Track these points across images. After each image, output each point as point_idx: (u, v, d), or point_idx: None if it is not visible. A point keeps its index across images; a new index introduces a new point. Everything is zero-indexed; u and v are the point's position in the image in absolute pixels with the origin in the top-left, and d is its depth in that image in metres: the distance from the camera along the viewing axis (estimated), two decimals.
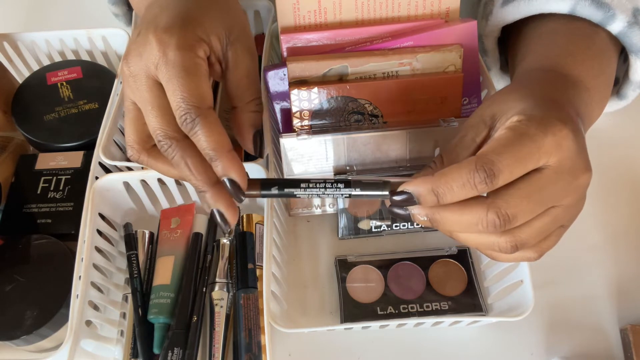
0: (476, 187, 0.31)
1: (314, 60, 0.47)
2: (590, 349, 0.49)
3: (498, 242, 0.34)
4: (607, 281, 0.52)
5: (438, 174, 0.32)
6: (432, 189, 0.32)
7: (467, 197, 0.32)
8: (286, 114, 0.51)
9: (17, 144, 0.58)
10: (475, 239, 0.35)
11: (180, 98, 0.35)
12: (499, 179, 0.31)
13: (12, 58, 0.64)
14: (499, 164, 0.31)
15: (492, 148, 0.32)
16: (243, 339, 0.46)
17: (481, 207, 0.32)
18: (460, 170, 0.32)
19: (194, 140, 0.35)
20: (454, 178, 0.32)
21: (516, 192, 0.32)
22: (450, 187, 0.32)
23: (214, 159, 0.35)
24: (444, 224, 0.34)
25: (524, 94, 0.37)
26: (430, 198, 0.33)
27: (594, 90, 0.44)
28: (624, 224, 0.55)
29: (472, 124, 0.37)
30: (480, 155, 0.32)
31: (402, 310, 0.49)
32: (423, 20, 0.49)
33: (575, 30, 0.48)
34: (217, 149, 0.35)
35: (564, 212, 0.34)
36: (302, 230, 0.56)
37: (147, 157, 0.39)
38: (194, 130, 0.35)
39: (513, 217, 0.32)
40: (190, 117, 0.35)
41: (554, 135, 0.32)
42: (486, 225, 0.32)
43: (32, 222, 0.52)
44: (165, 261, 0.50)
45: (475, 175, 0.31)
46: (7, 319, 0.45)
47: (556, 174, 0.32)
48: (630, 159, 0.60)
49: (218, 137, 0.35)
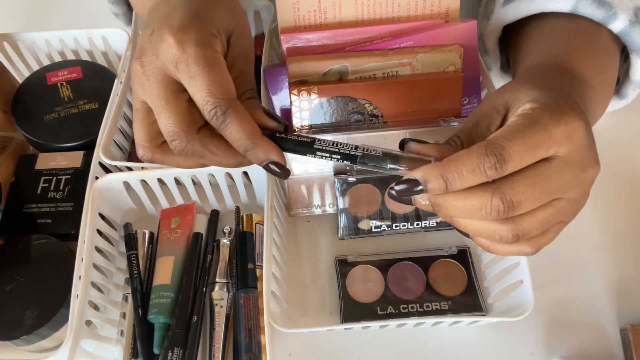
0: (486, 172, 0.31)
1: (314, 60, 0.47)
2: (590, 349, 0.49)
3: (500, 230, 0.33)
4: (607, 281, 0.52)
5: (446, 159, 0.32)
6: (440, 174, 0.32)
7: (475, 183, 0.31)
8: (286, 114, 0.51)
9: (17, 144, 0.58)
10: (477, 225, 0.34)
11: (207, 92, 0.35)
12: (509, 164, 0.31)
13: (12, 58, 0.64)
14: (509, 150, 0.31)
15: (503, 134, 0.31)
16: (243, 338, 0.46)
17: (486, 192, 0.31)
18: (471, 154, 0.31)
19: (226, 131, 0.35)
20: (464, 163, 0.31)
21: (523, 179, 0.31)
22: (460, 172, 0.31)
23: (250, 147, 0.36)
24: (447, 209, 0.33)
25: (535, 84, 0.36)
26: (438, 184, 0.32)
27: (598, 89, 0.44)
28: (624, 224, 0.55)
29: (484, 112, 0.36)
30: (491, 141, 0.31)
31: (402, 310, 0.49)
32: (423, 20, 0.49)
33: (577, 29, 0.48)
34: (252, 137, 0.35)
35: (567, 205, 0.34)
36: (302, 230, 0.56)
37: (160, 154, 0.39)
38: (225, 122, 0.35)
39: (517, 204, 0.31)
40: (221, 109, 0.35)
41: (567, 125, 0.32)
42: (490, 211, 0.31)
43: (32, 222, 0.52)
44: (165, 261, 0.50)
45: (486, 160, 0.31)
46: (7, 319, 0.45)
47: (564, 165, 0.32)
48: (630, 159, 0.59)
49: (250, 125, 0.36)
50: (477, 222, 0.34)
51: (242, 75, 0.40)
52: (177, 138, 0.36)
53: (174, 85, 0.36)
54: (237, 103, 0.36)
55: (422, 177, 0.32)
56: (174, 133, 0.36)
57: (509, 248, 0.35)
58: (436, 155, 0.35)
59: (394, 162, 0.35)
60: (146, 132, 0.38)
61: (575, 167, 0.32)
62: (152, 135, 0.38)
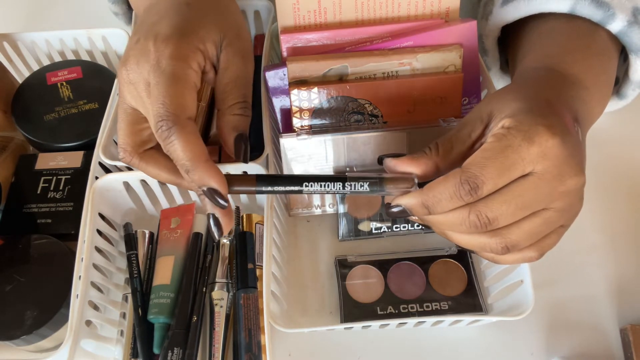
0: (462, 198, 0.34)
1: (314, 60, 0.47)
2: (590, 349, 0.49)
3: (489, 243, 0.35)
4: (607, 281, 0.52)
5: (426, 187, 0.35)
6: (422, 202, 0.35)
7: (455, 207, 0.34)
8: (286, 114, 0.51)
9: (17, 144, 0.58)
10: (467, 239, 0.36)
11: (160, 104, 0.35)
12: (483, 189, 0.33)
13: (12, 58, 0.64)
14: (482, 177, 0.33)
15: (476, 161, 0.34)
16: (243, 339, 0.46)
17: (464, 210, 0.34)
18: (447, 184, 0.34)
19: (169, 149, 0.35)
20: (441, 191, 0.34)
21: (498, 196, 0.34)
22: (439, 200, 0.34)
23: (190, 169, 0.35)
24: (435, 225, 0.37)
25: (521, 95, 0.37)
26: (422, 210, 0.36)
27: (594, 89, 0.44)
28: (624, 224, 0.55)
29: (469, 120, 0.38)
30: (465, 169, 0.34)
31: (402, 310, 0.49)
32: (423, 20, 0.49)
33: (575, 29, 0.48)
34: (193, 159, 0.35)
35: (556, 215, 0.35)
36: (302, 230, 0.56)
37: (138, 160, 0.40)
38: (169, 139, 0.35)
39: (493, 220, 0.34)
40: (167, 124, 0.34)
41: (540, 145, 0.33)
42: (469, 226, 0.34)
43: (32, 222, 0.52)
44: (165, 261, 0.50)
45: (461, 189, 0.33)
46: (7, 319, 0.45)
47: (540, 181, 0.33)
48: (630, 159, 0.60)
49: (193, 147, 0.35)
50: (466, 237, 0.36)
51: (235, 81, 0.40)
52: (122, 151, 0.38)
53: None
54: (186, 122, 0.35)
55: (407, 206, 0.36)
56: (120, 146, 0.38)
57: (512, 257, 0.37)
58: (413, 170, 0.37)
59: (380, 187, 0.37)
60: (130, 137, 0.39)
61: (552, 181, 0.34)
62: (136, 141, 0.39)
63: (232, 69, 0.40)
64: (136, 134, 0.39)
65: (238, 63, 0.40)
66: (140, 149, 0.39)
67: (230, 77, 0.40)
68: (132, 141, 0.39)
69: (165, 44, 0.36)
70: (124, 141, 0.39)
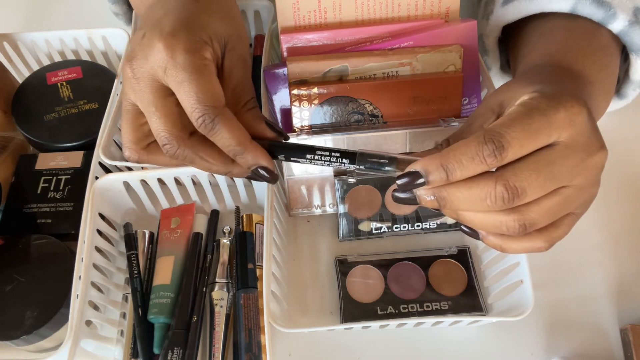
0: (485, 160, 0.30)
1: (314, 60, 0.47)
2: (590, 349, 0.49)
3: (506, 221, 0.32)
4: (607, 281, 0.52)
5: (445, 150, 0.32)
6: (440, 164, 0.31)
7: (476, 172, 0.31)
8: (286, 113, 0.51)
9: (17, 144, 0.58)
10: (482, 218, 0.33)
11: (195, 100, 0.35)
12: (508, 151, 0.30)
13: (12, 58, 0.64)
14: (507, 136, 0.30)
15: (501, 122, 0.31)
16: (243, 339, 0.46)
17: (489, 180, 0.31)
18: (469, 143, 0.31)
19: (215, 138, 0.36)
20: (462, 152, 0.31)
21: (526, 165, 0.31)
22: (459, 161, 0.31)
23: (239, 153, 0.36)
24: (452, 202, 0.33)
25: (532, 80, 0.36)
26: (439, 174, 0.31)
27: (598, 84, 0.44)
28: (624, 224, 0.55)
29: (480, 113, 0.36)
30: (489, 129, 0.31)
31: (402, 310, 0.49)
32: (423, 21, 0.49)
33: (577, 28, 0.48)
34: (241, 143, 0.36)
35: (575, 193, 0.33)
36: (302, 230, 0.56)
37: (146, 154, 0.39)
38: (214, 130, 0.35)
39: (522, 191, 0.31)
40: (209, 117, 0.35)
41: (567, 110, 0.31)
42: (494, 200, 0.31)
43: (32, 222, 0.52)
44: (165, 261, 0.50)
45: (484, 148, 0.30)
46: (7, 319, 0.45)
47: (568, 149, 0.31)
48: (630, 158, 0.60)
49: (239, 131, 0.36)
50: (482, 215, 0.33)
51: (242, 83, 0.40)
52: (169, 142, 0.36)
53: (164, 90, 0.36)
54: (224, 110, 0.36)
55: (423, 168, 0.32)
56: (166, 138, 0.36)
57: (522, 245, 0.34)
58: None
59: (391, 164, 0.35)
60: (134, 134, 0.39)
61: (580, 151, 0.32)
62: (139, 137, 0.39)
63: (236, 74, 0.40)
64: (137, 130, 0.39)
65: (240, 68, 0.40)
66: (143, 143, 0.39)
67: (237, 81, 0.40)
68: (135, 137, 0.39)
69: (176, 38, 0.35)
70: (127, 138, 0.39)
